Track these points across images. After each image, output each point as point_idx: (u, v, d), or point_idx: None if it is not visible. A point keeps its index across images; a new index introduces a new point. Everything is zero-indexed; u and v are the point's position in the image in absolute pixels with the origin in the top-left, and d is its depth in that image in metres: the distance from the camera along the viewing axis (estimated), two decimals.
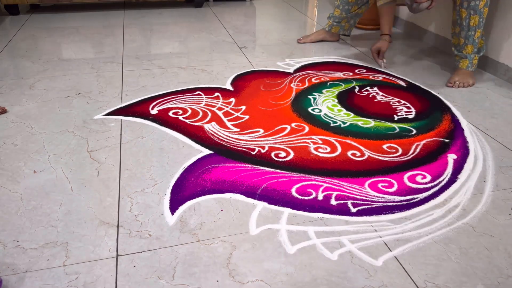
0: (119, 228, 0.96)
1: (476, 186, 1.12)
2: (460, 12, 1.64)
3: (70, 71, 1.82)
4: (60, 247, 0.90)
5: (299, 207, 1.02)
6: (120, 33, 2.33)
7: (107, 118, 1.43)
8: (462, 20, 1.64)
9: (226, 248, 0.91)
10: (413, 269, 0.86)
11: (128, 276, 0.84)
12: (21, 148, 1.26)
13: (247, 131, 1.36)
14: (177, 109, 1.49)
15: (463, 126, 1.41)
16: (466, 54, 1.69)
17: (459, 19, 1.65)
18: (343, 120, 1.43)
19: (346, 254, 0.90)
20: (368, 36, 2.37)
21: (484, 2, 1.57)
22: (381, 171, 1.16)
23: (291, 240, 0.93)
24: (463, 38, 1.67)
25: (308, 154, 1.23)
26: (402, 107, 1.53)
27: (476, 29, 1.63)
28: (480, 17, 1.60)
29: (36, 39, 2.23)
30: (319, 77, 1.77)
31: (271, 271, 0.86)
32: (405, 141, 1.32)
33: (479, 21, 1.61)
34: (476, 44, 1.66)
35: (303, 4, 3.13)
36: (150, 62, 1.93)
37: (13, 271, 0.85)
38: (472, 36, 1.65)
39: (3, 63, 1.90)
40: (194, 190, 1.08)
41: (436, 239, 0.94)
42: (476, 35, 1.64)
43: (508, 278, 0.85)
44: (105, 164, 1.18)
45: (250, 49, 2.12)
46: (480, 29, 1.63)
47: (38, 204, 1.03)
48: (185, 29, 2.44)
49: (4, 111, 1.46)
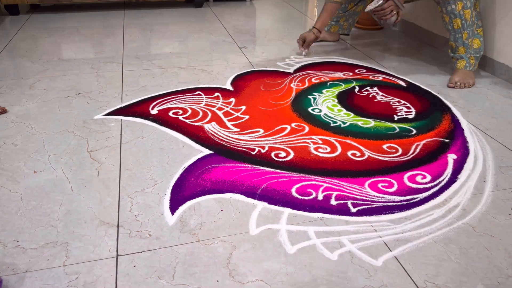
0: (119, 228, 0.96)
1: (476, 186, 1.12)
2: (443, 17, 1.69)
3: (70, 71, 1.82)
4: (60, 247, 0.90)
5: (299, 207, 1.03)
6: (120, 33, 2.33)
7: (107, 118, 1.43)
8: (447, 24, 1.69)
9: (226, 248, 0.91)
10: (413, 269, 0.86)
11: (128, 276, 0.84)
12: (21, 148, 1.26)
13: (247, 131, 1.36)
14: (177, 109, 1.49)
15: (463, 126, 1.41)
16: (462, 55, 1.70)
17: (446, 24, 1.70)
18: (343, 120, 1.43)
19: (346, 254, 0.90)
20: (368, 36, 2.37)
21: (461, 5, 1.60)
22: (381, 171, 1.16)
23: (291, 240, 0.93)
24: (453, 41, 1.71)
25: (308, 154, 1.23)
26: (402, 107, 1.53)
27: (462, 31, 1.66)
28: (462, 19, 1.63)
29: (36, 39, 2.23)
30: (319, 77, 1.77)
31: (271, 271, 0.86)
32: (405, 141, 1.32)
33: (461, 23, 1.64)
34: (468, 45, 1.68)
35: (303, 4, 3.13)
36: (150, 62, 1.93)
37: (13, 271, 0.85)
38: (461, 38, 1.67)
39: (3, 63, 1.90)
40: (194, 190, 1.08)
41: (436, 239, 0.94)
42: (464, 37, 1.67)
43: (508, 278, 0.85)
44: (105, 164, 1.18)
45: (250, 49, 2.12)
46: (466, 31, 1.65)
47: (38, 204, 1.03)
48: (185, 29, 2.44)
49: (4, 111, 1.46)
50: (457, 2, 1.60)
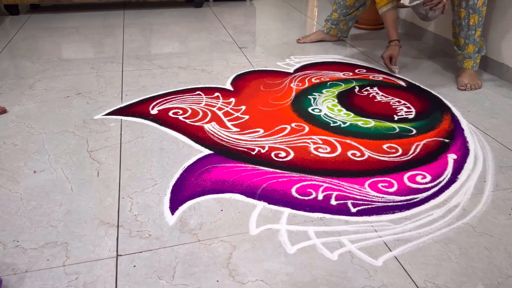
0: (119, 228, 0.96)
1: (476, 186, 1.12)
2: (458, 12, 1.64)
3: (70, 71, 1.82)
4: (60, 247, 0.90)
5: (299, 207, 1.02)
6: (120, 33, 2.33)
7: (107, 118, 1.43)
8: (461, 20, 1.64)
9: (226, 248, 0.91)
10: (413, 269, 0.86)
11: (128, 276, 0.84)
12: (21, 148, 1.26)
13: (247, 131, 1.36)
14: (177, 109, 1.49)
15: (463, 126, 1.41)
16: (470, 54, 1.68)
17: (458, 19, 1.66)
18: (343, 120, 1.43)
19: (346, 254, 0.90)
20: (367, 36, 2.37)
21: (482, 1, 1.58)
22: (381, 171, 1.16)
23: (291, 240, 0.93)
24: (463, 38, 1.67)
25: (308, 154, 1.23)
26: (402, 107, 1.53)
27: (476, 28, 1.63)
28: (479, 16, 1.60)
29: (36, 39, 2.23)
30: (319, 77, 1.77)
31: (271, 271, 0.86)
32: (405, 141, 1.32)
33: (478, 20, 1.61)
34: (477, 43, 1.66)
35: (303, 4, 3.13)
36: (150, 62, 1.93)
37: (13, 271, 0.85)
38: (473, 35, 1.65)
39: (3, 63, 1.90)
40: (194, 190, 1.08)
41: (436, 239, 0.94)
42: (476, 34, 1.64)
43: (508, 278, 0.85)
44: (105, 164, 1.18)
45: (250, 49, 2.12)
46: (479, 28, 1.63)
47: (38, 204, 1.03)
48: (185, 29, 2.44)
49: (4, 111, 1.46)
50: None
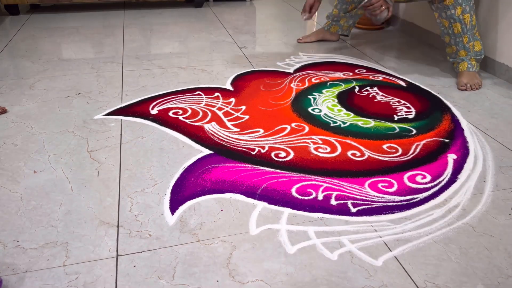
0: (119, 228, 0.96)
1: (476, 186, 1.12)
2: (442, 22, 1.69)
3: (70, 71, 1.82)
4: (60, 247, 0.90)
5: (299, 207, 1.03)
6: (120, 33, 2.33)
7: (107, 118, 1.43)
8: (447, 29, 1.69)
9: (226, 248, 0.91)
10: (413, 269, 0.86)
11: (128, 276, 0.84)
12: (21, 148, 1.26)
13: (247, 131, 1.36)
14: (177, 109, 1.49)
15: (463, 126, 1.41)
16: (463, 57, 1.70)
17: (444, 28, 1.70)
18: (343, 120, 1.43)
19: (346, 254, 0.90)
20: (368, 36, 2.37)
21: (460, 10, 1.60)
22: (381, 171, 1.16)
23: (291, 240, 0.93)
24: (454, 45, 1.71)
25: (308, 154, 1.23)
26: (402, 107, 1.53)
27: (462, 35, 1.66)
28: (462, 24, 1.63)
29: (36, 39, 2.23)
30: (319, 77, 1.77)
31: (271, 271, 0.86)
32: (405, 141, 1.32)
33: (461, 27, 1.64)
34: (468, 48, 1.68)
35: (303, 4, 3.12)
36: (150, 62, 1.93)
37: (13, 271, 0.85)
38: (461, 42, 1.68)
39: (3, 63, 1.90)
40: (194, 190, 1.08)
41: (436, 239, 0.94)
42: (464, 41, 1.67)
43: (508, 278, 0.85)
44: (105, 164, 1.18)
45: (250, 49, 2.12)
46: (466, 35, 1.65)
47: (38, 204, 1.03)
48: (185, 29, 2.44)
49: (4, 111, 1.46)
50: (457, 7, 1.61)
